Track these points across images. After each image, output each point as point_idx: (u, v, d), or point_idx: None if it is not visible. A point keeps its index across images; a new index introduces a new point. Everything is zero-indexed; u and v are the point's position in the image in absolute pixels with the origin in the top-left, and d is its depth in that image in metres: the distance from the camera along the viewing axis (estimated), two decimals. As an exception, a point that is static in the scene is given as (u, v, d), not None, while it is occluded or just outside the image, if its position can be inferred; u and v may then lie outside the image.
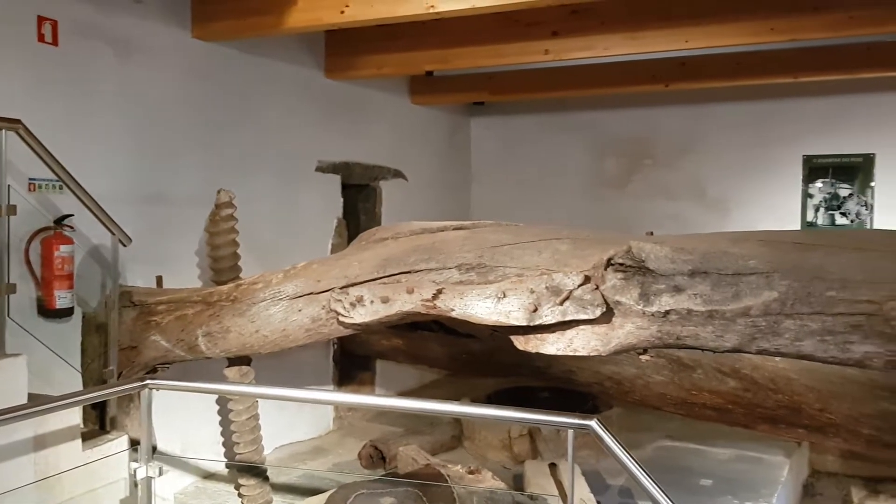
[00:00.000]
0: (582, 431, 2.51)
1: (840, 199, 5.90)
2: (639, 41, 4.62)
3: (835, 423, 4.28)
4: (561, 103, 7.15)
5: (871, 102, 5.77)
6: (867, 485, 5.36)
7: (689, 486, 4.35)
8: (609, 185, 7.08)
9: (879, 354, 2.68)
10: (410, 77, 6.80)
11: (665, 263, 2.95)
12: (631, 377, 4.90)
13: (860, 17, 4.01)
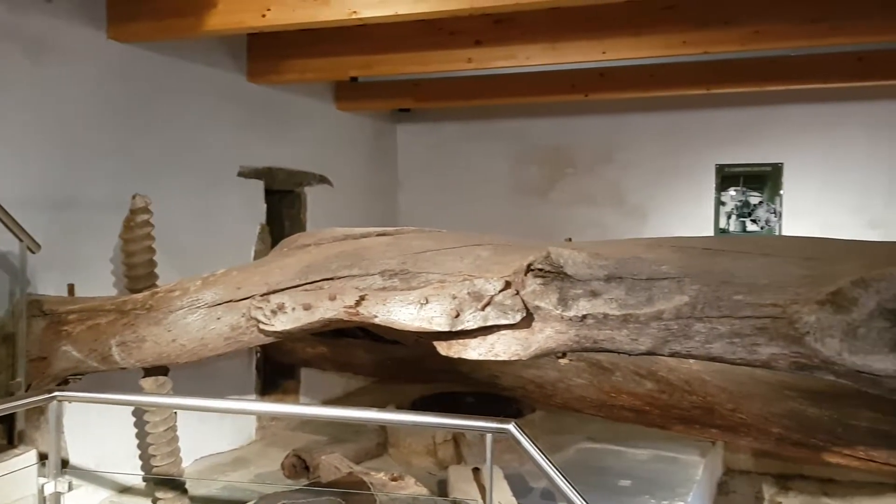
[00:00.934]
0: (501, 435, 2.54)
1: (751, 207, 6.14)
2: (559, 51, 4.72)
3: (746, 423, 4.45)
4: (486, 111, 7.23)
5: (779, 114, 6.04)
6: (777, 481, 5.60)
7: (608, 486, 4.45)
8: (532, 193, 7.20)
9: (784, 356, 2.79)
10: (335, 82, 6.77)
11: (582, 269, 3.01)
12: (553, 381, 4.99)
13: (766, 31, 4.20)
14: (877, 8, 4.04)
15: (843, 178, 5.86)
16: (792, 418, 4.29)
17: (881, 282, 2.59)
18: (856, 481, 5.36)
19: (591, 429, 5.57)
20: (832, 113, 5.86)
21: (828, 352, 2.63)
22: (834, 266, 2.76)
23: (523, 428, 5.18)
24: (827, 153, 5.91)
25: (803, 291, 2.70)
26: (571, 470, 4.78)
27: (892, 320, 2.56)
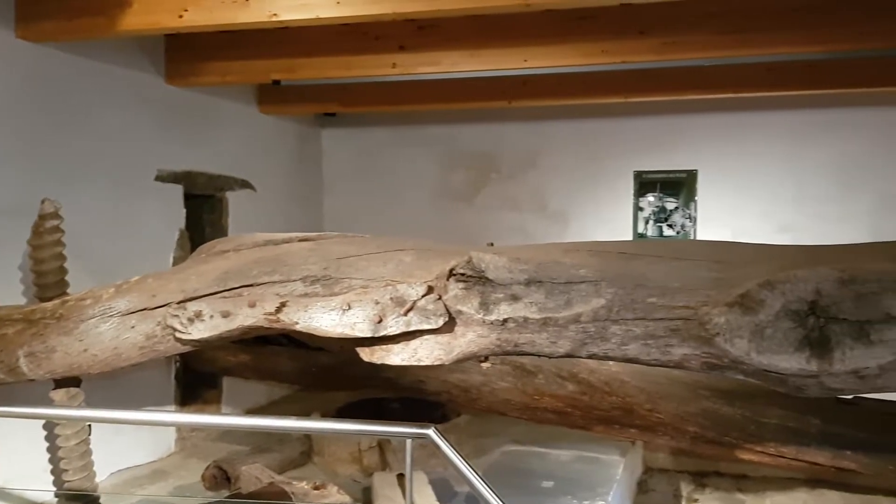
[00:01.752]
0: (421, 440, 2.54)
1: (667, 212, 6.33)
2: (482, 58, 4.77)
3: (663, 423, 4.59)
4: (412, 116, 7.25)
5: (693, 122, 6.25)
6: (695, 479, 5.75)
7: (531, 488, 4.50)
8: (458, 198, 7.24)
9: (696, 356, 2.88)
10: (258, 86, 6.67)
11: (503, 273, 3.05)
12: (478, 385, 5.03)
13: (680, 42, 4.34)
14: (784, 21, 4.23)
15: (753, 185, 6.10)
16: (706, 417, 4.45)
17: (786, 284, 2.70)
18: (767, 477, 5.55)
19: (516, 431, 5.62)
20: (743, 121, 6.10)
21: (737, 352, 2.73)
22: (742, 269, 2.87)
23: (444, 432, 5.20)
24: (738, 160, 6.14)
25: (713, 294, 2.79)
26: (496, 472, 4.86)
27: (796, 321, 2.68)
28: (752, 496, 5.34)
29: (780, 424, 4.25)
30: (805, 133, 5.97)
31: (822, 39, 4.32)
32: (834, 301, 2.63)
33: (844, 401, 4.17)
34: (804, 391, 2.76)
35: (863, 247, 3.05)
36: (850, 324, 2.62)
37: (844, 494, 5.20)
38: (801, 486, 5.39)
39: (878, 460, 4.12)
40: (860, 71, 5.12)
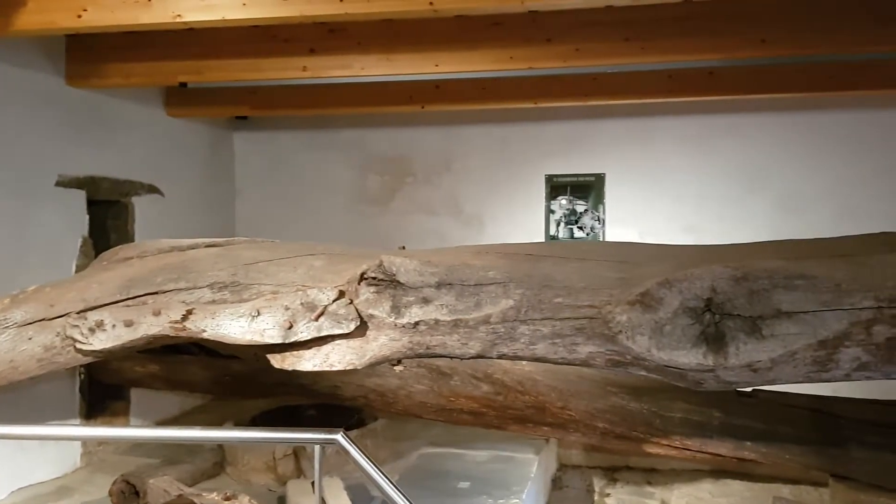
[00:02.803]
0: (329, 445, 2.53)
1: (577, 215, 6.49)
2: (393, 63, 4.79)
3: (575, 419, 4.69)
4: (326, 120, 7.19)
5: (601, 127, 6.42)
6: (606, 474, 5.93)
7: (448, 489, 4.54)
8: (373, 203, 7.23)
9: (601, 353, 2.96)
10: (165, 88, 6.49)
11: (414, 276, 3.07)
12: (394, 388, 5.03)
13: (585, 49, 4.46)
14: (685, 29, 4.40)
15: (659, 187, 6.32)
16: (615, 413, 4.58)
17: (683, 282, 2.81)
18: (675, 469, 5.78)
19: (433, 434, 5.66)
20: (648, 126, 6.31)
21: (638, 348, 2.82)
22: (643, 269, 2.97)
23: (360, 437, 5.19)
24: (644, 164, 6.35)
25: (616, 293, 2.88)
26: (413, 475, 4.88)
27: (693, 317, 2.79)
28: (661, 488, 5.54)
29: (685, 418, 4.41)
30: (707, 137, 6.22)
31: (721, 47, 4.51)
32: (728, 298, 2.75)
33: (743, 393, 4.36)
34: (702, 385, 2.87)
35: (756, 246, 3.20)
36: (744, 319, 2.74)
37: (746, 483, 5.46)
38: (707, 477, 5.62)
39: (776, 450, 4.32)
40: (758, 77, 5.36)
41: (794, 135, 6.04)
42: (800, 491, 5.25)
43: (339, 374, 5.04)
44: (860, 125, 5.89)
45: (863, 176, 5.83)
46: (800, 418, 4.24)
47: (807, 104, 5.91)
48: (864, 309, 2.67)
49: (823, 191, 5.92)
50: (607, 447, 5.61)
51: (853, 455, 4.13)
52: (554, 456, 5.93)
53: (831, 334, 2.68)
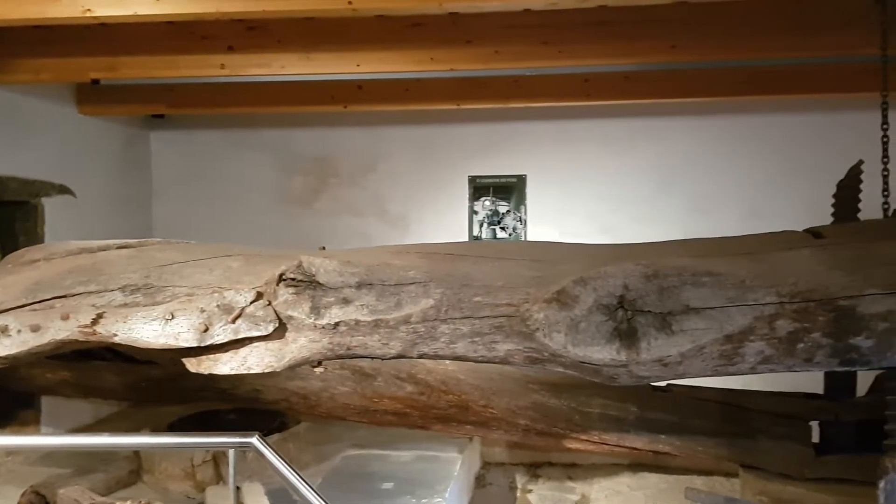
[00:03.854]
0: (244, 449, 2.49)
1: (500, 215, 6.57)
2: (314, 62, 4.75)
3: (497, 417, 4.75)
4: (248, 120, 7.07)
5: (521, 129, 6.52)
6: (529, 470, 6.00)
7: (372, 491, 4.52)
8: (297, 203, 7.14)
9: (519, 351, 3.01)
10: (77, 85, 6.26)
11: (334, 277, 3.05)
12: (317, 391, 4.99)
13: (504, 52, 4.53)
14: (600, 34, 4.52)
15: (577, 189, 6.46)
16: (536, 410, 4.65)
17: (597, 280, 2.88)
18: (595, 464, 5.90)
19: (357, 436, 5.63)
20: (567, 129, 6.44)
21: (555, 345, 2.88)
22: (559, 267, 3.03)
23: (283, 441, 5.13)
24: (563, 166, 6.48)
25: (533, 291, 2.94)
26: (337, 478, 4.84)
27: (607, 314, 2.86)
28: (581, 483, 5.64)
29: (603, 413, 4.52)
30: (622, 140, 6.39)
31: (634, 52, 4.65)
32: (640, 295, 2.83)
33: (658, 388, 4.50)
34: (616, 380, 2.95)
35: (666, 244, 3.31)
36: (655, 315, 2.83)
37: (662, 476, 5.62)
38: (625, 470, 5.76)
39: (689, 442, 4.48)
40: (670, 82, 5.54)
41: (704, 138, 6.27)
42: (713, 482, 5.43)
43: (260, 378, 4.96)
44: (765, 129, 6.16)
45: (768, 177, 6.10)
46: (711, 411, 4.41)
47: (715, 108, 6.14)
48: (766, 304, 2.80)
49: (731, 192, 6.16)
50: (529, 444, 5.69)
51: (761, 446, 4.31)
52: (478, 454, 5.98)
53: (736, 329, 2.79)
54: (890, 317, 2.77)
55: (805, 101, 6.01)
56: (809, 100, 5.94)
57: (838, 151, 4.66)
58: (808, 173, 5.67)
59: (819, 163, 5.39)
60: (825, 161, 4.94)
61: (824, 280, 2.79)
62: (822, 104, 5.99)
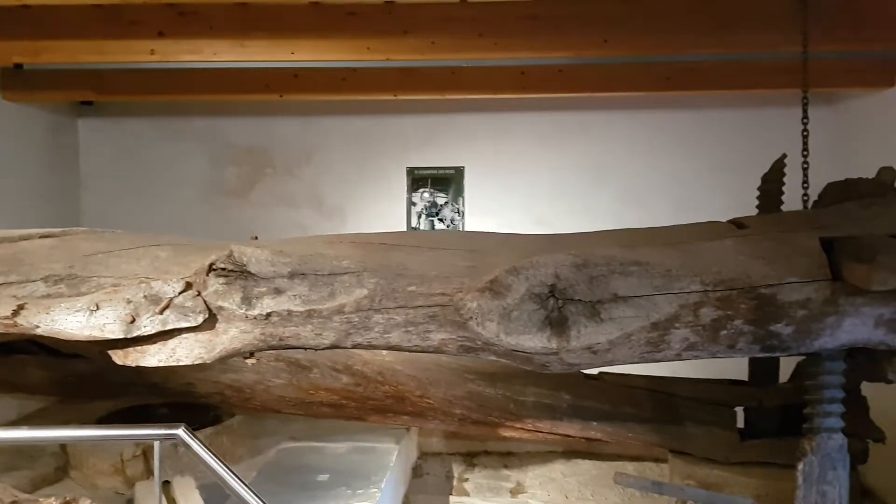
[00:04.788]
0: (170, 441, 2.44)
1: (438, 207, 6.59)
2: (248, 49, 4.67)
3: (433, 407, 4.77)
4: (180, 108, 6.90)
5: (459, 121, 6.53)
6: (466, 460, 6.07)
7: (307, 483, 4.49)
8: (231, 195, 7.02)
9: (453, 340, 3.03)
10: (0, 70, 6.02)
11: (266, 266, 3.01)
12: (251, 383, 4.93)
13: (441, 43, 4.54)
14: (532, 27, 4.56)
15: (514, 181, 6.51)
16: (472, 399, 4.69)
17: (529, 269, 2.92)
18: (530, 452, 6.01)
19: (293, 428, 5.58)
20: (503, 122, 6.48)
21: (488, 334, 2.92)
22: (492, 257, 3.06)
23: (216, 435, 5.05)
24: (500, 158, 6.52)
25: (466, 281, 2.96)
26: (271, 471, 4.79)
27: (538, 303, 2.91)
28: (517, 471, 5.74)
29: (537, 402, 4.59)
30: (557, 133, 6.46)
31: (568, 46, 4.72)
32: (570, 283, 2.89)
33: (590, 376, 4.59)
34: (547, 368, 3.01)
35: (596, 234, 3.37)
36: (584, 304, 2.89)
37: (595, 462, 5.76)
38: (559, 458, 5.89)
39: (620, 429, 4.58)
40: (603, 77, 5.63)
41: (635, 132, 6.39)
42: (643, 467, 5.59)
43: (192, 371, 4.88)
44: (694, 124, 6.32)
45: (696, 171, 6.26)
46: (641, 399, 4.51)
47: (646, 104, 6.27)
48: (691, 293, 2.88)
49: (662, 185, 6.31)
50: (465, 433, 5.75)
51: (688, 431, 4.44)
52: (414, 445, 6.00)
53: (663, 317, 2.87)
54: (808, 304, 2.89)
55: (731, 98, 6.20)
56: (736, 96, 6.13)
57: (763, 146, 4.82)
58: (735, 167, 5.84)
59: (745, 157, 5.56)
60: (751, 155, 5.11)
61: (746, 269, 2.89)
62: (748, 100, 6.18)
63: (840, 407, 3.24)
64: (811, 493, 3.25)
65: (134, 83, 6.03)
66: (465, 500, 5.32)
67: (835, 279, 2.88)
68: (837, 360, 3.18)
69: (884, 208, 3.05)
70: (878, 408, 4.38)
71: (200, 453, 2.36)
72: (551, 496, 5.35)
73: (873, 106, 5.60)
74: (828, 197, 3.37)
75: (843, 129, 5.99)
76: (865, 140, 5.68)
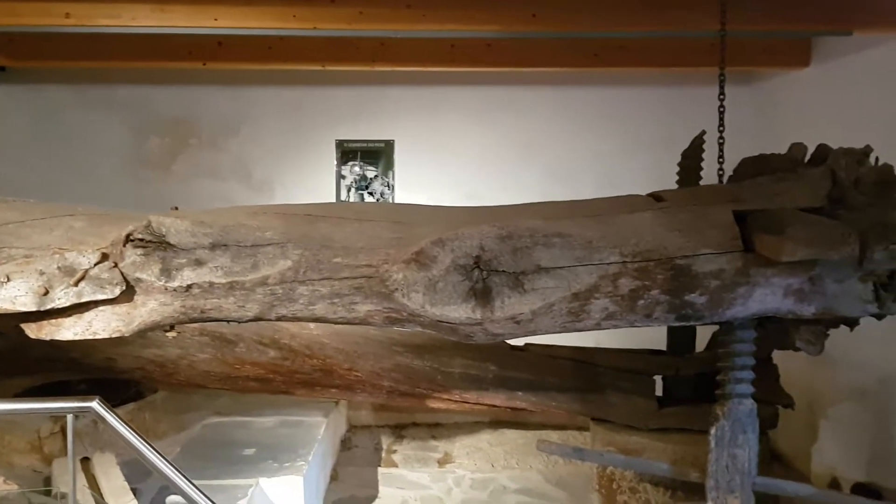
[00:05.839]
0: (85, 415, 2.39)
1: (368, 181, 6.54)
2: (168, 14, 4.52)
3: (361, 380, 4.78)
4: (100, 75, 6.63)
5: (389, 94, 6.47)
6: (394, 432, 6.12)
7: (232, 457, 4.46)
8: (154, 166, 6.80)
9: (379, 311, 3.04)
10: None
11: (186, 237, 2.95)
12: (174, 358, 4.84)
13: (369, 13, 4.48)
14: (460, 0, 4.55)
15: (444, 156, 6.50)
16: (400, 371, 4.72)
17: (455, 241, 2.94)
18: (457, 423, 6.09)
19: (219, 403, 5.52)
20: (433, 95, 6.45)
21: (413, 305, 2.93)
22: (418, 229, 3.07)
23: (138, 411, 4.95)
24: (431, 132, 6.49)
25: (393, 252, 2.97)
26: (196, 446, 4.73)
27: (463, 274, 2.94)
28: (444, 441, 5.81)
29: (464, 373, 4.64)
30: (486, 108, 6.47)
31: (496, 20, 4.71)
32: (495, 255, 2.92)
33: (515, 347, 4.67)
34: (472, 338, 3.05)
35: (520, 207, 3.42)
36: (508, 275, 2.93)
37: (520, 432, 5.88)
38: (486, 428, 5.99)
39: (544, 398, 4.68)
40: (531, 52, 5.66)
41: (561, 108, 6.46)
42: (567, 435, 5.73)
43: (112, 346, 4.76)
44: (620, 101, 6.41)
45: (620, 147, 6.37)
46: (564, 369, 4.62)
47: (575, 79, 6.32)
48: (611, 263, 2.96)
49: (588, 160, 6.40)
50: (394, 405, 5.78)
51: (609, 400, 4.57)
52: (343, 418, 6.01)
53: (583, 287, 2.94)
54: (721, 275, 3.00)
55: (657, 75, 6.31)
56: (661, 74, 6.25)
57: (685, 123, 4.94)
58: (658, 143, 5.97)
59: (668, 134, 5.68)
60: (674, 132, 5.23)
61: (663, 241, 2.97)
62: (673, 78, 6.31)
63: (750, 374, 3.38)
64: (723, 456, 3.40)
65: (48, 48, 5.77)
66: (393, 471, 5.37)
67: (747, 251, 2.99)
68: (749, 329, 3.31)
69: (794, 182, 3.17)
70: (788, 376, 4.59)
71: (116, 426, 2.31)
72: (478, 465, 5.44)
73: (790, 85, 5.80)
74: (742, 172, 3.48)
75: (762, 108, 6.19)
76: (782, 118, 5.89)
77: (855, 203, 3.05)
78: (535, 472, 5.32)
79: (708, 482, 3.41)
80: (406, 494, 4.97)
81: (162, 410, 5.20)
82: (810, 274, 2.99)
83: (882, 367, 4.45)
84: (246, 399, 5.41)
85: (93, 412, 2.31)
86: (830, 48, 5.23)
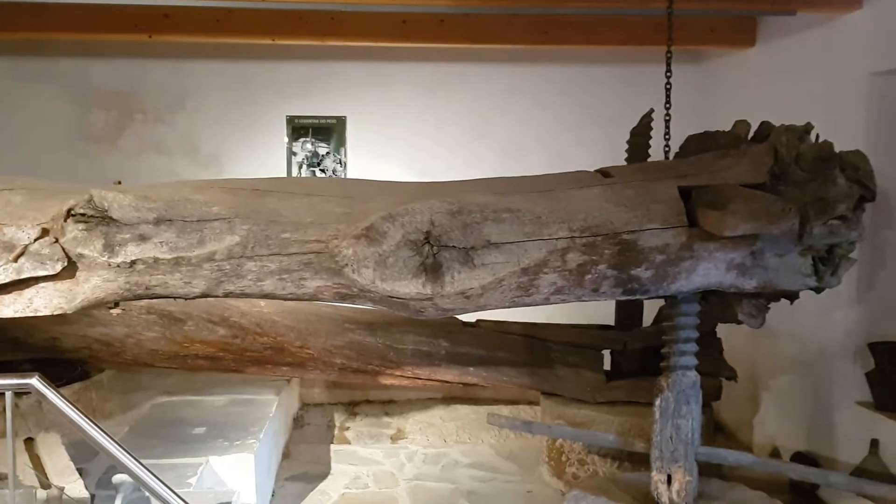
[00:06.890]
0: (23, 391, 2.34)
1: (319, 157, 6.47)
2: (110, -16, 4.39)
3: (313, 358, 4.77)
4: (40, 47, 6.41)
5: (340, 69, 6.39)
6: (347, 409, 6.12)
7: (182, 436, 4.41)
8: (97, 141, 6.62)
9: (329, 287, 3.02)
10: None
11: (129, 212, 2.90)
12: (121, 337, 4.76)
13: (319, -13, 4.41)
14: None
15: (397, 133, 6.45)
16: (352, 348, 4.72)
17: (405, 216, 2.94)
18: (410, 399, 6.12)
19: (168, 383, 5.46)
20: (385, 71, 6.39)
21: (364, 281, 2.92)
22: (368, 204, 3.05)
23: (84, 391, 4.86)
24: (383, 109, 6.43)
25: (342, 228, 2.95)
26: (145, 426, 4.67)
27: (414, 249, 2.93)
28: (397, 418, 5.83)
29: (416, 349, 4.66)
30: (439, 84, 6.43)
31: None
32: (445, 230, 2.93)
33: (467, 323, 4.71)
34: (422, 313, 3.05)
35: (470, 182, 3.43)
36: (458, 250, 2.94)
37: (473, 407, 5.93)
38: (438, 404, 6.03)
39: (496, 373, 4.73)
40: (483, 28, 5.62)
41: (513, 85, 6.45)
42: (518, 410, 5.81)
43: (57, 325, 4.66)
44: (570, 78, 6.44)
45: (571, 124, 6.41)
46: (515, 344, 4.67)
47: (526, 56, 6.33)
48: (559, 239, 2.99)
49: (539, 137, 6.43)
50: (346, 382, 5.79)
51: (558, 374, 4.64)
52: (296, 395, 5.99)
53: (532, 262, 2.97)
54: (666, 249, 3.05)
55: (607, 53, 6.35)
56: (611, 52, 6.29)
57: (635, 101, 5.00)
58: (607, 121, 6.02)
59: (618, 111, 5.73)
60: (623, 109, 5.29)
61: (610, 216, 3.02)
62: (622, 56, 6.35)
63: (694, 346, 3.46)
64: (667, 426, 3.48)
65: (-15, 18, 5.55)
66: (346, 447, 5.37)
67: (692, 226, 3.05)
68: (692, 303, 3.39)
69: (737, 159, 3.24)
70: (731, 350, 4.72)
71: (57, 403, 2.27)
72: (430, 440, 5.48)
73: (736, 64, 5.89)
74: (688, 148, 3.54)
75: (709, 86, 6.29)
76: (728, 96, 5.99)
77: (796, 179, 3.13)
78: (487, 446, 5.38)
79: (653, 452, 3.49)
80: (359, 470, 4.98)
81: (109, 390, 5.11)
82: (752, 248, 3.07)
83: (821, 340, 4.59)
84: (196, 378, 5.36)
85: (33, 389, 2.26)
86: (775, 28, 5.33)
